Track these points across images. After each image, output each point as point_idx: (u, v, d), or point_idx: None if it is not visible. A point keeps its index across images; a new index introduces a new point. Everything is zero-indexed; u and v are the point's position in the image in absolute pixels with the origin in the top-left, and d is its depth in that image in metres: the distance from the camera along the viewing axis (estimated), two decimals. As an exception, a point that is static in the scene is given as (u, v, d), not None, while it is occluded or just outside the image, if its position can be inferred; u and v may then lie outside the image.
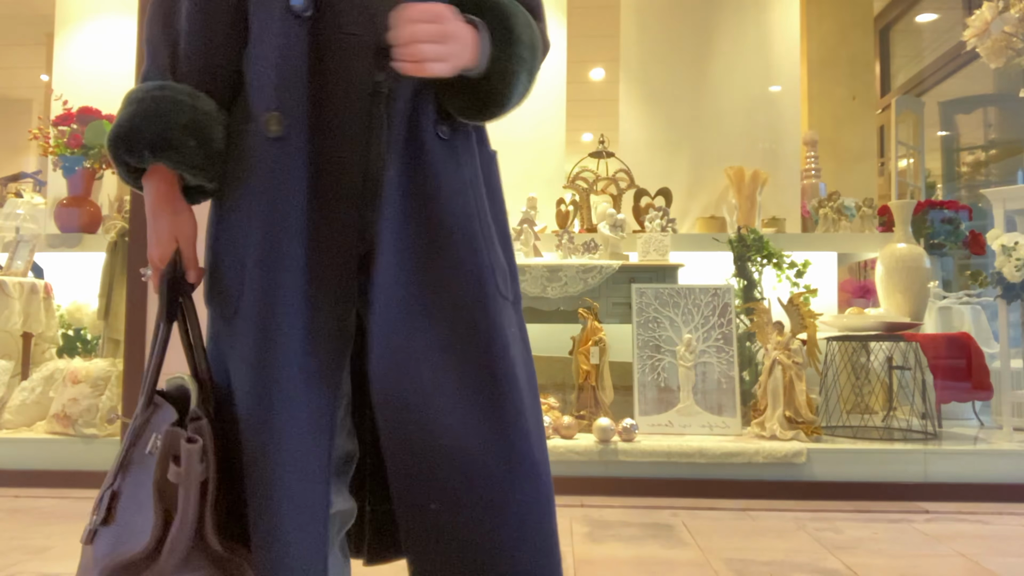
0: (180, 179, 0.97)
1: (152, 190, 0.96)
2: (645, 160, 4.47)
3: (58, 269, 4.03)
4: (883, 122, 5.71)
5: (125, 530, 0.89)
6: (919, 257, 3.70)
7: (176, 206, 0.97)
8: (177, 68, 0.95)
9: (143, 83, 0.95)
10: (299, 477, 0.92)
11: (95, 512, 0.93)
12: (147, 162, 0.93)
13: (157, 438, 0.91)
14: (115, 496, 0.92)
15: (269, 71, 0.92)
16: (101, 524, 0.92)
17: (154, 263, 0.98)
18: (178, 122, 0.91)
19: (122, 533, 0.89)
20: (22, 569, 2.06)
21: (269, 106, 0.91)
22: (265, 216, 0.92)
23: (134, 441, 0.94)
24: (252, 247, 0.93)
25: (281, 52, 0.91)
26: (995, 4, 3.52)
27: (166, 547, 0.86)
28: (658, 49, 4.57)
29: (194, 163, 0.94)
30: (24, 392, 3.53)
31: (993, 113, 5.81)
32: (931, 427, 3.38)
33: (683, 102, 4.53)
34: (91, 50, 4.45)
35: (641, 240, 3.78)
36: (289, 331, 0.91)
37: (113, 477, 0.94)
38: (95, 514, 0.93)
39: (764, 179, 4.26)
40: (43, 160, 4.57)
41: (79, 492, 3.03)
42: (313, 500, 0.93)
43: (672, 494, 2.96)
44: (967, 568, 2.14)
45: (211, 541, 0.89)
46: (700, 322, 3.52)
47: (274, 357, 0.91)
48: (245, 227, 0.94)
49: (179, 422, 0.92)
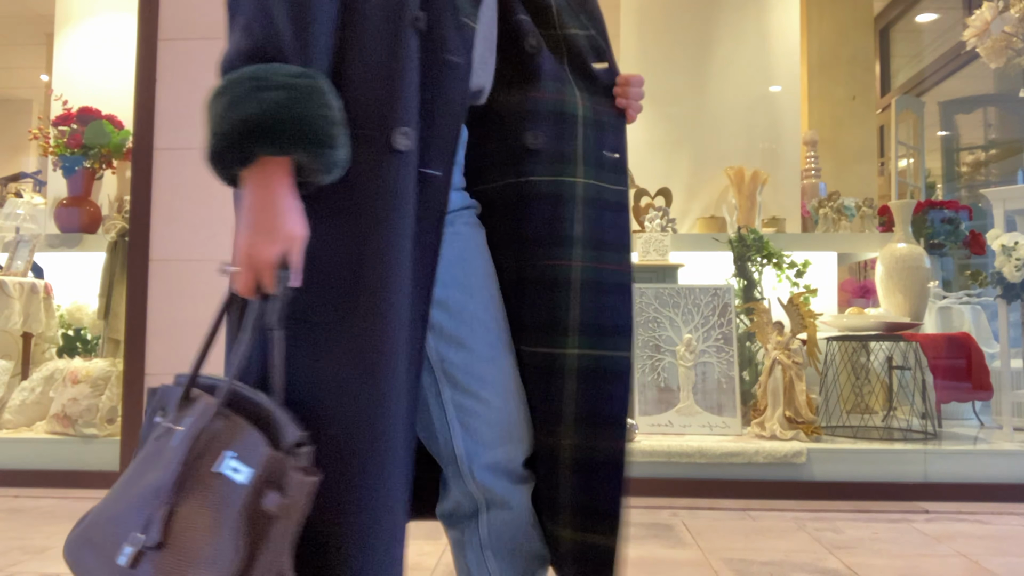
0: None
1: (275, 182, 0.86)
2: (645, 160, 4.47)
3: (58, 269, 4.03)
4: (883, 122, 5.71)
5: (186, 558, 0.79)
6: (919, 257, 3.70)
7: (298, 202, 0.88)
8: (309, 54, 0.87)
9: (267, 63, 0.85)
10: (406, 476, 0.95)
11: (140, 531, 0.81)
12: (285, 154, 0.84)
13: (234, 459, 0.81)
14: (171, 516, 0.81)
15: (393, 83, 0.93)
16: (153, 548, 0.80)
17: (262, 262, 0.86)
18: (335, 119, 0.86)
19: (183, 561, 0.79)
20: (22, 569, 2.06)
21: (398, 120, 0.93)
22: (383, 223, 0.92)
23: (194, 456, 0.83)
24: (369, 251, 0.91)
25: (402, 66, 0.94)
26: (995, 4, 3.52)
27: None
28: (658, 49, 4.58)
29: (339, 162, 0.88)
30: (24, 392, 3.53)
31: (993, 113, 5.81)
32: (931, 427, 3.38)
33: (683, 102, 4.53)
34: (91, 50, 4.45)
35: (641, 240, 3.78)
36: (401, 328, 0.93)
37: (169, 494, 0.81)
38: (141, 533, 0.81)
39: (764, 179, 4.26)
40: (43, 160, 4.57)
41: (79, 492, 3.03)
42: (407, 493, 0.97)
43: (672, 494, 2.96)
44: (967, 568, 2.14)
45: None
46: (700, 322, 3.52)
47: (392, 357, 0.91)
48: (355, 232, 0.92)
49: (273, 445, 0.82)
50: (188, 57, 3.26)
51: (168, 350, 3.16)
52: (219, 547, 0.77)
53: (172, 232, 3.21)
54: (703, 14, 4.56)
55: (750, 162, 4.36)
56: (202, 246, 3.20)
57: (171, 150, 3.24)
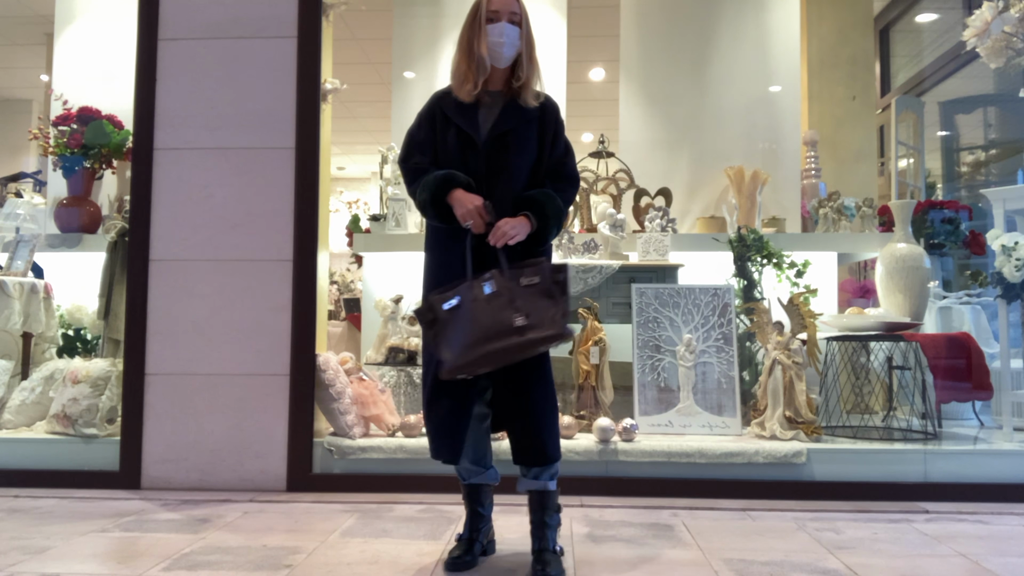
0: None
1: (459, 195, 2.07)
2: (645, 160, 4.47)
3: (58, 269, 4.02)
4: (883, 122, 5.71)
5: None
6: (919, 257, 3.70)
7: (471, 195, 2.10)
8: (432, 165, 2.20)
9: (431, 170, 2.15)
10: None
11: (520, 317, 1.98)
12: (457, 188, 2.09)
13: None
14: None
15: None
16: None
17: (475, 210, 2.05)
18: (461, 181, 2.11)
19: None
20: (22, 569, 2.06)
21: (467, 231, 2.09)
22: (456, 276, 2.05)
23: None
24: (456, 274, 2.07)
25: (473, 175, 2.12)
26: (995, 4, 3.52)
27: None
28: (658, 49, 4.58)
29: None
30: (24, 392, 3.53)
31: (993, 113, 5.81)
32: (931, 427, 3.38)
33: (683, 102, 4.53)
34: (91, 50, 4.45)
35: (641, 240, 3.78)
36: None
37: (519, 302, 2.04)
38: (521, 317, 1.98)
39: (764, 179, 4.26)
40: (43, 160, 4.57)
41: (79, 492, 3.03)
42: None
43: (672, 494, 2.96)
44: (967, 568, 2.14)
45: None
46: (700, 322, 3.52)
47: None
48: (450, 263, 2.10)
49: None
50: (188, 57, 3.26)
51: (168, 350, 3.16)
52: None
53: (172, 232, 3.21)
54: (703, 14, 4.56)
55: (750, 162, 4.36)
56: (202, 246, 3.20)
57: (171, 150, 3.24)
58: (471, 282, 1.99)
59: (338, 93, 3.74)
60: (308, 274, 3.17)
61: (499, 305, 1.94)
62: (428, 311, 1.98)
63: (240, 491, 3.05)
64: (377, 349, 3.83)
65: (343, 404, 3.20)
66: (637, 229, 4.14)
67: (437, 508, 2.80)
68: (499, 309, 1.93)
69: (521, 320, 1.92)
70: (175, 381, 3.15)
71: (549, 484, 2.12)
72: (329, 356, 3.27)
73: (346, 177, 11.57)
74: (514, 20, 2.14)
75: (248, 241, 3.19)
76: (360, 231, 4.35)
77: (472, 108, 2.15)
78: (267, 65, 3.24)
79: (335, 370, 3.24)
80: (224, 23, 3.27)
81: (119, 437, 3.16)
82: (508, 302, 1.94)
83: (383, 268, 4.26)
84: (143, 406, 3.14)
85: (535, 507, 2.11)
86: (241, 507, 2.83)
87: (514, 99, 2.16)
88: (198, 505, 2.85)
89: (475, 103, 2.15)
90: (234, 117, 3.23)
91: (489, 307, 1.94)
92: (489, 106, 2.16)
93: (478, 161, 2.11)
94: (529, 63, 2.16)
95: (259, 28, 3.26)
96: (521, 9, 2.17)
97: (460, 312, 1.95)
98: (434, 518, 2.67)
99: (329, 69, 3.65)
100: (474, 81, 2.12)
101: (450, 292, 1.98)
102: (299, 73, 3.23)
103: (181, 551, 2.25)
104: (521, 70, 2.15)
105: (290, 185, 3.20)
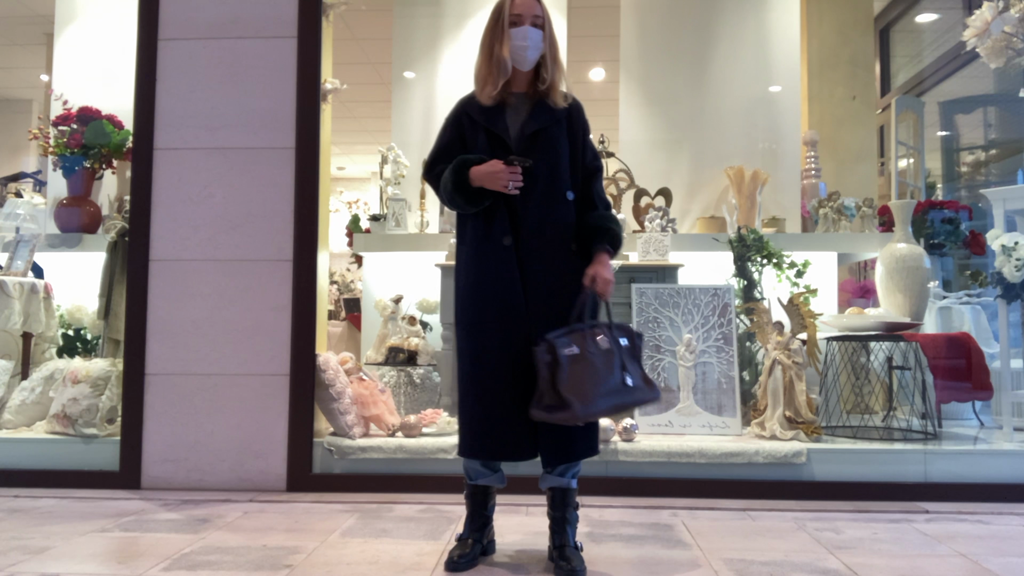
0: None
1: (477, 171, 2.10)
2: (645, 160, 4.47)
3: (58, 269, 4.02)
4: (883, 122, 5.71)
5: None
6: (919, 257, 3.70)
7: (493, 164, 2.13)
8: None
9: (451, 162, 2.18)
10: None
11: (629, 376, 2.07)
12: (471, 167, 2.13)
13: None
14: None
15: (503, 210, 2.13)
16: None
17: (501, 175, 2.09)
18: (473, 160, 2.15)
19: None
20: (22, 569, 2.06)
21: (506, 231, 2.12)
22: (496, 276, 2.12)
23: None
24: (489, 291, 2.13)
25: (506, 201, 2.13)
26: (995, 4, 3.52)
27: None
28: (658, 49, 4.58)
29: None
30: (24, 392, 3.53)
31: (993, 113, 5.81)
32: (931, 427, 3.38)
33: (683, 102, 4.53)
34: (91, 50, 4.45)
35: (641, 240, 3.78)
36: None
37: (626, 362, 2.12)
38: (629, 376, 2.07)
39: (764, 179, 4.26)
40: (43, 160, 4.57)
41: (79, 492, 3.03)
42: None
43: (672, 494, 2.96)
44: (967, 568, 2.14)
45: None
46: (700, 322, 3.52)
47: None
48: (484, 280, 2.13)
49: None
50: (188, 57, 3.26)
51: (168, 350, 3.16)
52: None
53: (172, 232, 3.21)
54: (703, 14, 4.56)
55: (750, 162, 4.36)
56: (202, 246, 3.20)
57: (171, 150, 3.24)
58: (584, 332, 2.03)
59: (338, 93, 3.74)
60: (308, 274, 3.17)
61: (612, 362, 2.02)
62: (548, 352, 2.00)
63: (240, 491, 3.05)
64: (377, 349, 3.83)
65: (343, 404, 3.20)
66: (637, 229, 4.14)
67: (437, 508, 2.80)
68: (613, 366, 2.02)
69: (629, 380, 2.03)
70: (175, 381, 3.15)
71: (572, 482, 2.16)
72: (329, 356, 3.27)
73: (346, 177, 11.57)
74: (537, 23, 2.14)
75: (248, 241, 3.19)
76: (360, 231, 4.35)
77: (498, 110, 2.17)
78: (267, 65, 3.24)
79: (335, 370, 3.24)
80: (224, 23, 3.27)
81: (119, 437, 3.16)
82: (619, 360, 2.03)
83: (383, 268, 4.26)
84: (143, 406, 3.14)
85: (557, 504, 2.14)
86: (241, 507, 2.83)
87: (542, 100, 2.18)
88: (198, 505, 2.85)
89: (501, 105, 2.17)
90: (234, 117, 3.23)
91: (605, 362, 2.01)
92: (516, 107, 2.18)
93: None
94: (554, 64, 2.18)
95: (259, 28, 3.26)
96: (544, 12, 2.17)
97: (579, 360, 1.98)
98: (434, 518, 2.67)
99: (329, 69, 3.65)
100: (494, 83, 2.14)
101: (564, 337, 2.01)
102: (299, 73, 3.23)
103: (181, 551, 2.25)
104: (546, 72, 2.16)
105: (290, 185, 3.20)
